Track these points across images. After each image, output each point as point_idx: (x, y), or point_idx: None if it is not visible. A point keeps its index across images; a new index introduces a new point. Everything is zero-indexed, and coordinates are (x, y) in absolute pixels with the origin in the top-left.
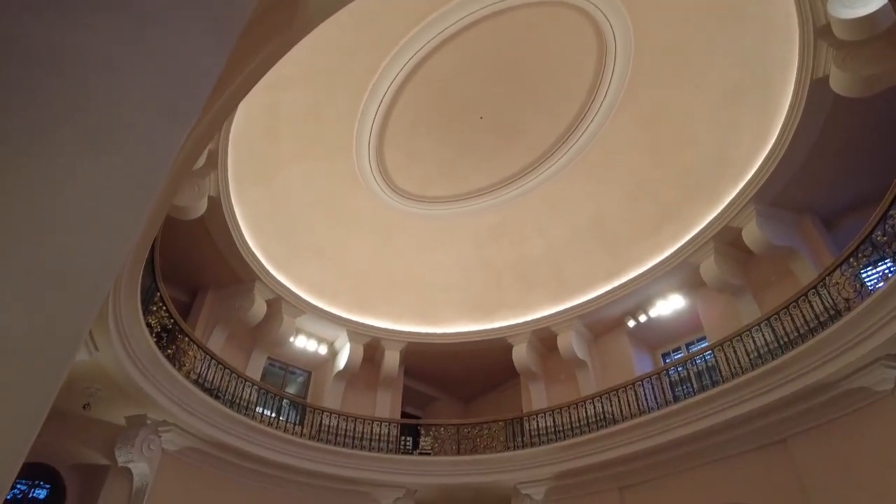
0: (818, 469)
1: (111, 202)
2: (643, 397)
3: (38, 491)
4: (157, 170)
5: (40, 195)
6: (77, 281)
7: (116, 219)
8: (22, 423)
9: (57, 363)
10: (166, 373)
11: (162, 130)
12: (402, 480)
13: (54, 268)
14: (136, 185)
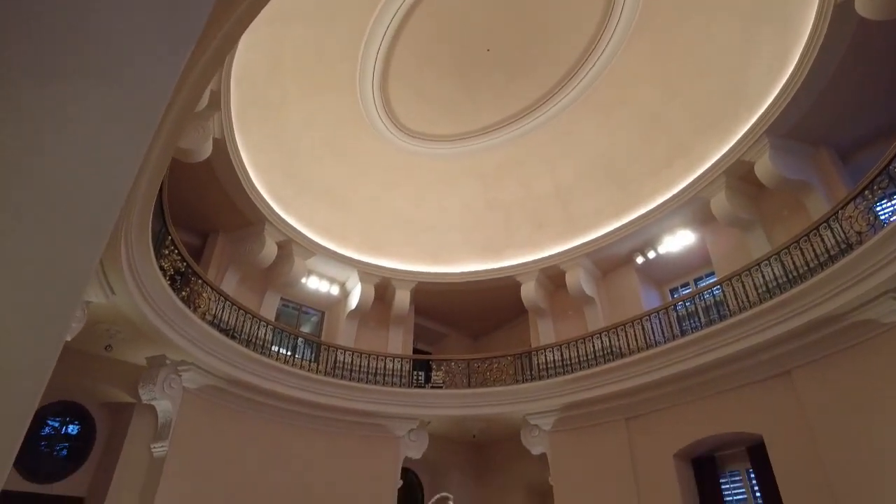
0: (822, 400)
1: (113, 131)
2: (650, 332)
3: (71, 427)
4: (158, 96)
5: (40, 125)
6: (84, 212)
7: (120, 148)
8: (41, 350)
9: (70, 292)
10: (182, 314)
11: (162, 55)
12: (415, 412)
13: (60, 199)
14: (137, 112)
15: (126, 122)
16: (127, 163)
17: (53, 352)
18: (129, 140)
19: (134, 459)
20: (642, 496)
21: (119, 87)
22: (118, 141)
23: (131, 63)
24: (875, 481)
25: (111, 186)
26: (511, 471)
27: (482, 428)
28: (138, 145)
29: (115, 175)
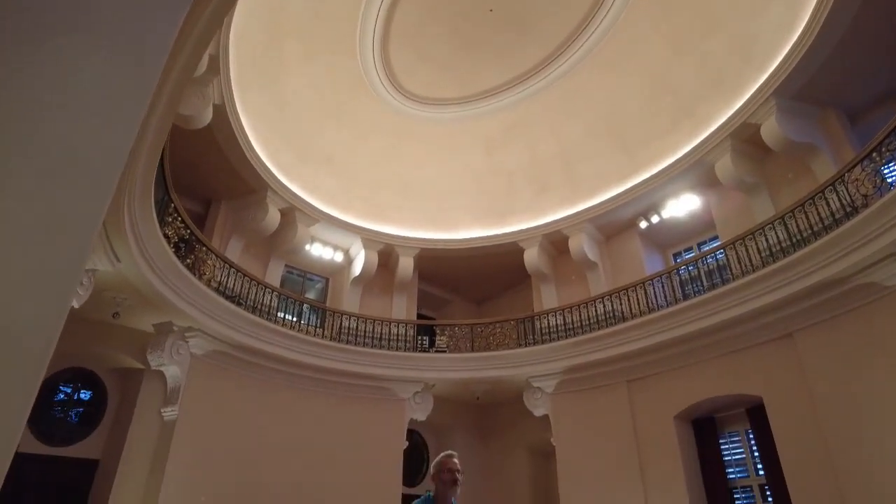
0: (822, 362)
1: (113, 88)
2: (653, 296)
3: (83, 393)
4: (157, 52)
5: (39, 81)
6: (86, 169)
7: (120, 105)
8: (48, 310)
9: (75, 252)
10: (187, 281)
11: (160, 10)
12: (419, 376)
13: (62, 157)
14: (136, 68)
15: (125, 79)
16: (128, 120)
17: (61, 311)
18: (129, 97)
19: (145, 423)
20: (643, 456)
21: (118, 43)
22: (118, 98)
23: (129, 19)
24: (873, 444)
25: (112, 144)
26: (514, 432)
27: (486, 390)
28: (138, 102)
29: (115, 132)
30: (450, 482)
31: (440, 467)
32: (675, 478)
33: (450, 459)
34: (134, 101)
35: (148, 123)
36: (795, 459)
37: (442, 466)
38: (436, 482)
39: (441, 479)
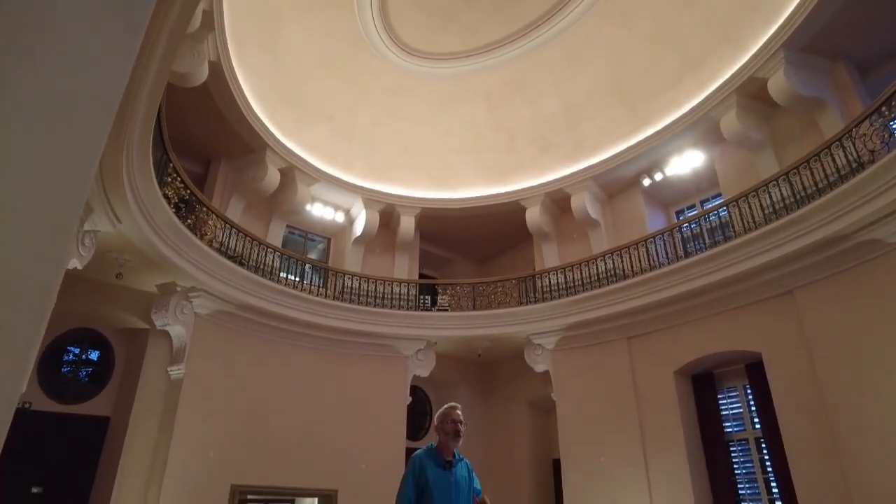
0: (822, 319)
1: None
2: (654, 254)
3: (91, 353)
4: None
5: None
6: (77, 117)
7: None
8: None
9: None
10: (189, 242)
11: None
12: (422, 333)
13: (51, 106)
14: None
15: (113, 24)
16: (117, 68)
17: (59, 261)
18: (117, 43)
19: (153, 382)
20: (642, 410)
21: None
22: (106, 45)
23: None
24: (869, 399)
25: (102, 92)
26: (515, 387)
27: (487, 347)
28: (127, 49)
29: (104, 81)
30: (452, 433)
31: (443, 418)
32: (674, 431)
33: (453, 411)
34: (122, 48)
35: (142, 80)
36: (791, 414)
37: (445, 418)
38: (439, 433)
39: (444, 429)
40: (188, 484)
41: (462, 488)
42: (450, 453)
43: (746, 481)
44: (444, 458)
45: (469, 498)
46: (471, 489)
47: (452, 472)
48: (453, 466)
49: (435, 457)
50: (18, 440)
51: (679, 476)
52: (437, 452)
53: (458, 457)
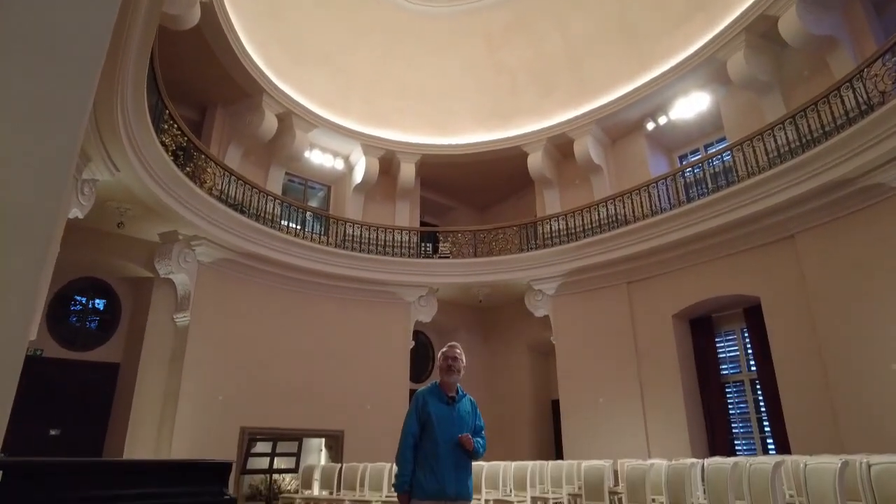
0: (822, 264)
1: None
2: (657, 199)
3: (98, 301)
4: None
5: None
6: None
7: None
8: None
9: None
10: (188, 189)
11: None
12: (423, 280)
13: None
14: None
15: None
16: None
17: (57, 195)
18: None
19: (159, 329)
20: (640, 353)
21: None
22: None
23: None
24: (865, 344)
25: (91, 26)
26: (515, 331)
27: (488, 293)
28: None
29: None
30: (446, 369)
31: (441, 356)
32: (671, 374)
33: (451, 350)
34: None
35: (133, 21)
36: (787, 356)
37: (442, 355)
38: (441, 371)
39: (440, 366)
40: (199, 426)
41: (465, 422)
42: (451, 389)
43: (740, 421)
44: (447, 394)
45: (472, 432)
46: (474, 424)
47: (455, 407)
48: (456, 402)
49: (438, 393)
50: (33, 386)
51: (675, 416)
52: (439, 389)
53: (462, 393)
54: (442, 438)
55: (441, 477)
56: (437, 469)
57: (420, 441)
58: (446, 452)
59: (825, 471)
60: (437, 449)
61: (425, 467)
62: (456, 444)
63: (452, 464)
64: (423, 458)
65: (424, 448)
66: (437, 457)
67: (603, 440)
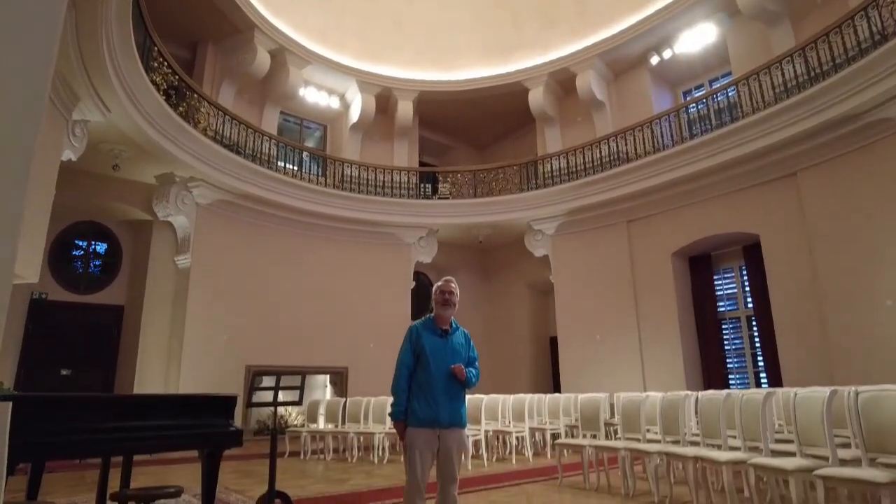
0: (823, 202)
1: None
2: (659, 136)
3: (98, 245)
4: None
5: None
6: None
7: None
8: None
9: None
10: (182, 130)
11: None
12: (423, 221)
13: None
14: None
15: None
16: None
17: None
18: None
19: (161, 271)
20: (638, 290)
21: None
22: None
23: None
24: (860, 282)
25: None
26: (515, 271)
27: (488, 234)
28: None
29: None
30: (441, 302)
31: (435, 290)
32: (669, 310)
33: (447, 284)
34: None
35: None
36: (784, 293)
37: (437, 289)
38: (434, 304)
39: (436, 300)
40: (205, 366)
41: (459, 354)
42: (445, 322)
43: (735, 356)
44: (441, 327)
45: (465, 363)
46: (467, 356)
47: (448, 339)
48: (450, 334)
49: (432, 326)
50: (41, 328)
51: (671, 352)
52: (433, 322)
53: (455, 326)
54: (436, 370)
55: (435, 405)
56: (430, 398)
57: (414, 372)
58: (440, 383)
59: (814, 399)
60: (431, 380)
61: (419, 397)
62: (449, 375)
63: (446, 393)
64: (418, 388)
65: (419, 379)
66: (431, 387)
67: (600, 376)
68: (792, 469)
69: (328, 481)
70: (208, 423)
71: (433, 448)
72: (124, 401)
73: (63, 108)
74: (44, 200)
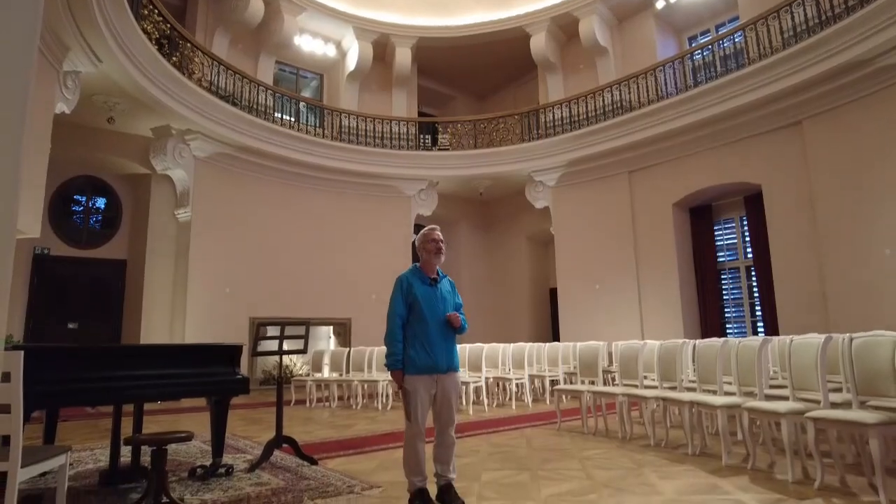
0: (827, 151)
1: None
2: (663, 84)
3: (98, 200)
4: None
5: None
6: None
7: None
8: None
9: None
10: (176, 80)
11: None
12: (423, 174)
13: None
14: None
15: None
16: None
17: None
18: None
19: (161, 225)
20: (638, 240)
21: None
22: None
23: None
24: (859, 232)
25: None
26: (515, 223)
27: (488, 186)
28: None
29: None
30: (434, 251)
31: (424, 240)
32: (668, 260)
33: (432, 232)
34: None
35: None
36: (784, 243)
37: (425, 239)
38: (421, 253)
39: (426, 249)
40: (209, 318)
41: (448, 301)
42: (433, 271)
43: (733, 306)
44: (429, 276)
45: (453, 310)
46: (454, 302)
47: (437, 287)
48: (437, 283)
49: (420, 275)
50: (45, 283)
51: (670, 302)
52: (421, 271)
53: (441, 274)
54: (430, 317)
55: (433, 353)
56: (428, 346)
57: (408, 322)
58: (436, 330)
59: (809, 346)
60: (427, 328)
61: (416, 345)
62: (443, 322)
63: (442, 340)
64: (414, 336)
65: (414, 328)
66: (428, 335)
67: (599, 325)
68: (784, 412)
69: (334, 427)
70: (216, 372)
71: (432, 392)
72: (133, 351)
73: (53, 58)
74: (40, 153)
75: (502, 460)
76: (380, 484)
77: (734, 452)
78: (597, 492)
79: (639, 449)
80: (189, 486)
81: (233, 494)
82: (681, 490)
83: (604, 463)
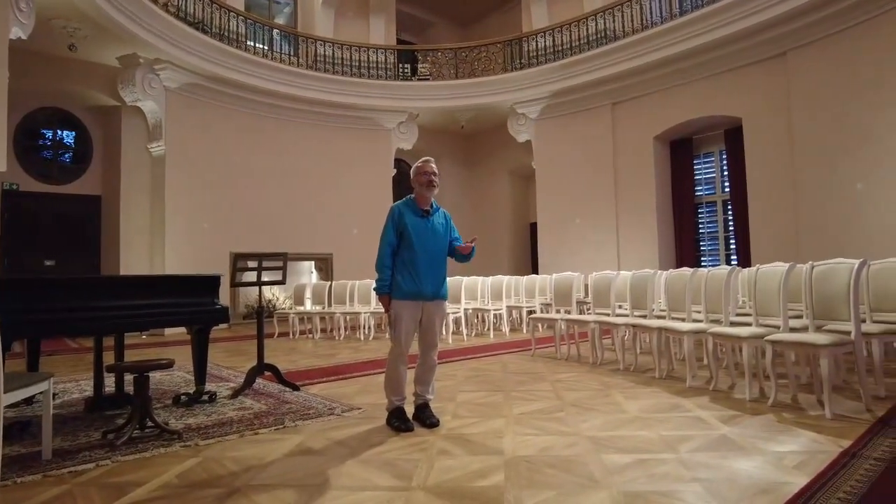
0: (811, 83)
1: None
2: (649, 12)
3: (66, 133)
4: None
5: None
6: None
7: None
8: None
9: None
10: (140, 5)
11: None
12: (403, 105)
13: None
14: None
15: None
16: None
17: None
18: None
19: (135, 160)
20: (618, 175)
21: None
22: None
23: None
24: (835, 166)
25: None
26: (497, 158)
27: (470, 118)
28: None
29: None
30: (426, 184)
31: (417, 172)
32: (647, 194)
33: (426, 164)
34: None
35: None
36: (761, 177)
37: (418, 171)
38: (414, 185)
39: (419, 181)
40: (188, 254)
41: (439, 234)
42: (426, 203)
43: (709, 239)
44: (422, 208)
45: (446, 243)
46: (448, 236)
47: (430, 219)
48: (430, 215)
49: (413, 206)
50: (17, 219)
51: (647, 235)
52: (414, 202)
53: (436, 207)
54: (420, 248)
55: (419, 281)
56: (415, 274)
57: (398, 250)
58: (424, 261)
59: (774, 274)
60: (415, 257)
61: (404, 273)
62: (433, 252)
63: (430, 270)
64: (402, 265)
65: (402, 256)
66: (415, 264)
67: (577, 258)
68: (746, 336)
69: (317, 356)
70: (196, 302)
71: (416, 318)
72: (113, 282)
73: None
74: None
75: (478, 383)
76: (360, 406)
77: (698, 375)
78: (565, 410)
79: (608, 373)
80: (173, 411)
81: (216, 419)
82: (644, 409)
83: (574, 385)
